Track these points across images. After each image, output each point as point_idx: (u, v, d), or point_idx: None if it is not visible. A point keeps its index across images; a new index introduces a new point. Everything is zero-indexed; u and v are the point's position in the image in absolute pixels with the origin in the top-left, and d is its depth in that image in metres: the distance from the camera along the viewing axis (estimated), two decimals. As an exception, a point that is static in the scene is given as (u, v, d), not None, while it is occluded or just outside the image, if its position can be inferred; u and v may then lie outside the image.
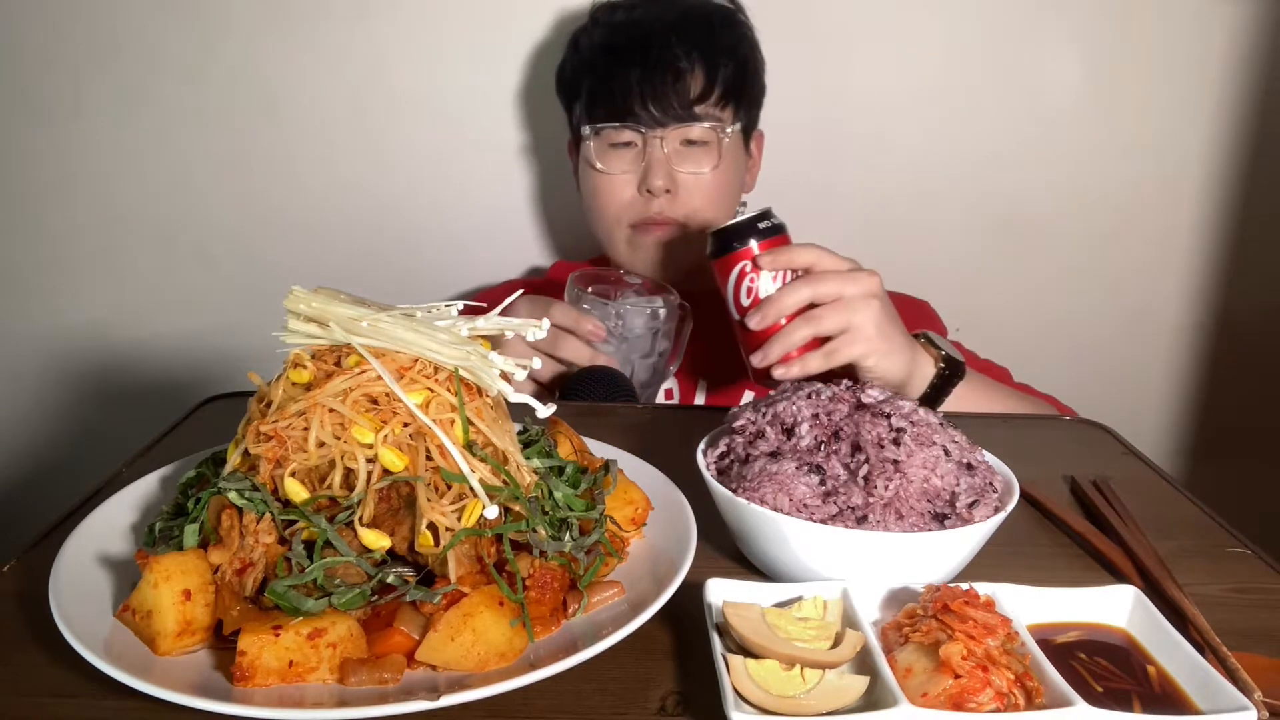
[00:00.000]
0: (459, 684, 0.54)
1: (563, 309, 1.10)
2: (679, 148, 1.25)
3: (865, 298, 0.99)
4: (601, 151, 1.27)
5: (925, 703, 0.54)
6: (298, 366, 0.66)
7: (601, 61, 1.27)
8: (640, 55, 1.23)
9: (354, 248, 1.60)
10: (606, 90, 1.25)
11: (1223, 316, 1.62)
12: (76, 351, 1.65)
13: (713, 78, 1.24)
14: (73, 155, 1.56)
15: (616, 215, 1.28)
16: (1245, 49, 1.49)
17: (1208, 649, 0.62)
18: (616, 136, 1.25)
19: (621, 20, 1.29)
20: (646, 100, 1.22)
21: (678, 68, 1.22)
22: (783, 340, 0.99)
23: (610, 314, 1.12)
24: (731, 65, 1.26)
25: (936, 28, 1.50)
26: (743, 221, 1.01)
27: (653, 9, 1.29)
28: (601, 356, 1.10)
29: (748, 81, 1.30)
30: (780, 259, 1.00)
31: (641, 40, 1.24)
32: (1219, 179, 1.56)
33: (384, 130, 1.54)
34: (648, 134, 1.23)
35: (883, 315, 0.99)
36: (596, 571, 0.66)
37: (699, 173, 1.25)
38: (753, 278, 1.00)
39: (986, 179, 1.56)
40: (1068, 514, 0.83)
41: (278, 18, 1.49)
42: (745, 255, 1.00)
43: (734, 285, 1.01)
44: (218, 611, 0.58)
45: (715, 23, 1.29)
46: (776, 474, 0.69)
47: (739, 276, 1.01)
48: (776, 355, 0.99)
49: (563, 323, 1.09)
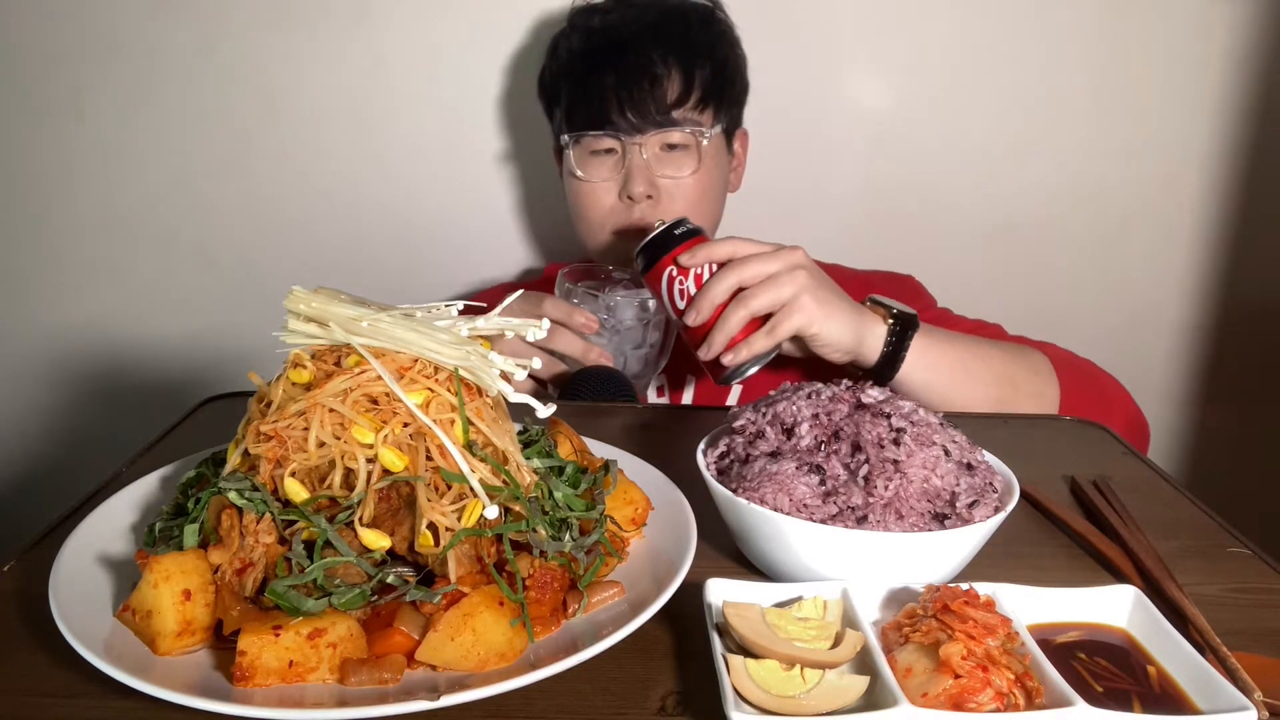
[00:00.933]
0: (459, 684, 0.54)
1: (555, 303, 1.11)
2: (659, 152, 1.24)
3: (791, 270, 1.00)
4: (582, 159, 1.27)
5: (925, 703, 0.54)
6: (298, 366, 0.66)
7: (579, 68, 1.26)
8: (616, 61, 1.22)
9: (354, 248, 1.60)
10: (584, 97, 1.24)
11: (1223, 316, 1.62)
12: (76, 351, 1.65)
13: (690, 81, 1.23)
14: (73, 155, 1.56)
15: (599, 222, 1.29)
16: (1245, 49, 1.49)
17: (1208, 649, 0.62)
18: (596, 144, 1.25)
19: (598, 25, 1.28)
20: (624, 107, 1.21)
21: (654, 73, 1.22)
22: (722, 328, 1.00)
23: (601, 307, 1.13)
24: (709, 67, 1.25)
25: (936, 27, 1.50)
26: (659, 233, 1.05)
27: (629, 12, 1.28)
28: (594, 349, 1.10)
29: (727, 82, 1.29)
30: (699, 255, 1.02)
31: (617, 46, 1.23)
32: (1219, 179, 1.56)
33: (383, 130, 1.55)
34: (626, 141, 1.23)
35: (814, 282, 1.00)
36: (596, 571, 0.66)
37: (679, 177, 1.25)
38: (680, 280, 1.03)
39: (985, 179, 1.56)
40: (1068, 514, 0.83)
41: (277, 18, 1.49)
42: (668, 261, 1.04)
43: (667, 292, 1.05)
44: (218, 611, 0.58)
45: (692, 23, 1.28)
46: (776, 474, 0.69)
47: (669, 282, 1.04)
48: (720, 344, 1.01)
49: (555, 316, 1.09)
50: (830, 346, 1.02)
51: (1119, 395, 1.18)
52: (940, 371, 1.05)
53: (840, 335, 1.01)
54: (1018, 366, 1.11)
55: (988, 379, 1.08)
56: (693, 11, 1.30)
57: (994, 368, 1.09)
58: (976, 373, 1.08)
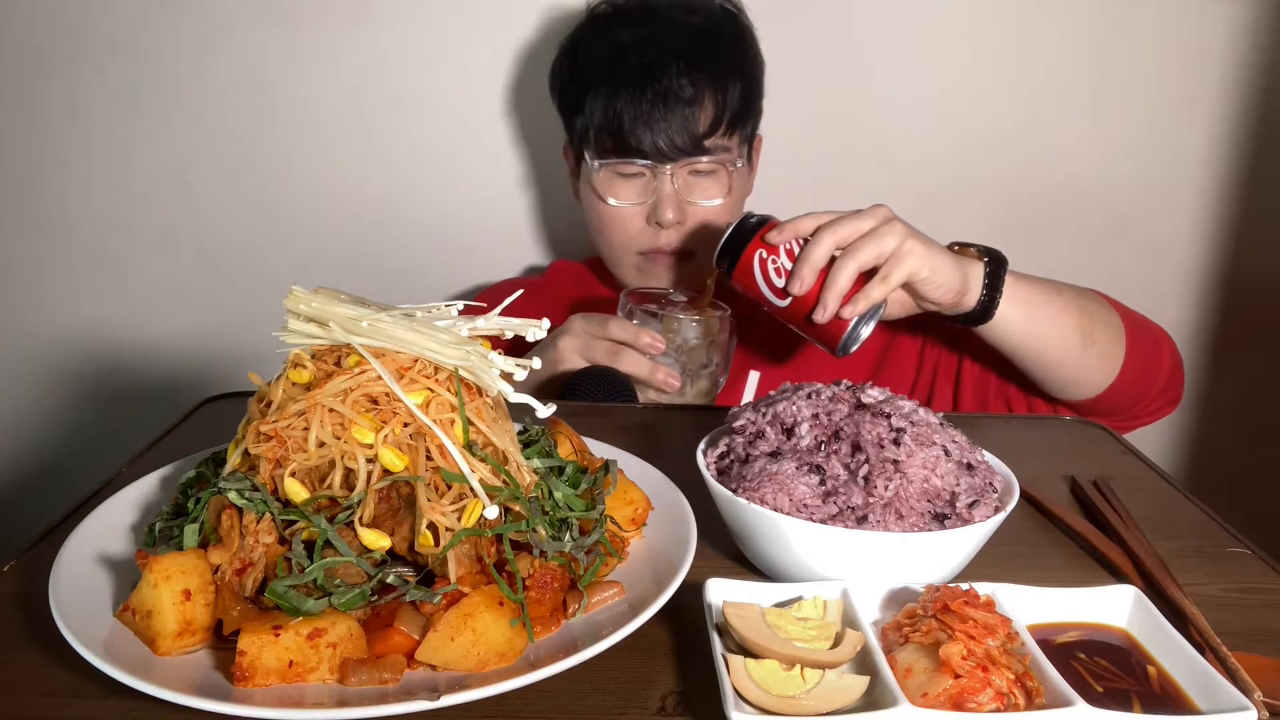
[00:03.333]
0: (459, 684, 0.54)
1: (621, 324, 1.10)
2: (688, 178, 1.24)
3: (887, 223, 0.99)
4: (609, 181, 1.25)
5: (925, 703, 0.54)
6: (298, 366, 0.66)
7: (605, 87, 1.22)
8: (648, 85, 1.19)
9: (354, 248, 1.60)
10: (614, 121, 1.21)
11: (1222, 316, 1.62)
12: (76, 351, 1.65)
13: (721, 108, 1.22)
14: (72, 155, 1.56)
15: (625, 244, 1.28)
16: (1245, 49, 1.49)
17: (1208, 649, 0.62)
18: (625, 168, 1.24)
19: (627, 41, 1.23)
20: (655, 136, 1.19)
21: (687, 101, 1.20)
22: (832, 286, 0.99)
23: (664, 327, 1.12)
24: (739, 89, 1.23)
25: (937, 29, 1.50)
26: (733, 230, 1.05)
27: (658, 25, 1.24)
28: (662, 369, 1.10)
29: (754, 96, 1.28)
30: (786, 230, 1.02)
31: (648, 69, 1.20)
32: (1219, 179, 1.56)
33: (383, 130, 1.55)
34: (656, 168, 1.22)
35: (911, 230, 1.00)
36: (596, 571, 0.66)
37: (710, 204, 1.25)
38: (773, 260, 1.02)
39: (985, 179, 1.56)
40: (1068, 514, 0.83)
41: (277, 18, 1.49)
42: (755, 247, 1.03)
43: (761, 277, 1.03)
44: (218, 611, 0.58)
45: (723, 40, 1.26)
46: (776, 474, 0.69)
47: (760, 266, 1.03)
48: (834, 301, 0.99)
49: (622, 337, 1.09)
50: (942, 288, 1.01)
51: (1162, 331, 1.19)
52: (1033, 306, 1.05)
53: (950, 276, 1.00)
54: (1087, 298, 1.11)
55: (1071, 310, 1.08)
56: (724, 26, 1.27)
57: (1071, 299, 1.09)
58: (1060, 305, 1.07)
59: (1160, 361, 1.14)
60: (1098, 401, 1.13)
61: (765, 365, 1.30)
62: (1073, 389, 1.13)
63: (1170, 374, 1.15)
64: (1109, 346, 1.10)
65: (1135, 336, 1.12)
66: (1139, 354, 1.12)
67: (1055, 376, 1.11)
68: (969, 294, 1.03)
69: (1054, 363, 1.09)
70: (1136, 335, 1.12)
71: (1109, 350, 1.10)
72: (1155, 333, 1.17)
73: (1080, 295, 1.11)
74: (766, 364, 1.31)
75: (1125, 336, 1.11)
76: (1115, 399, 1.13)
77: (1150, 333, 1.16)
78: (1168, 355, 1.16)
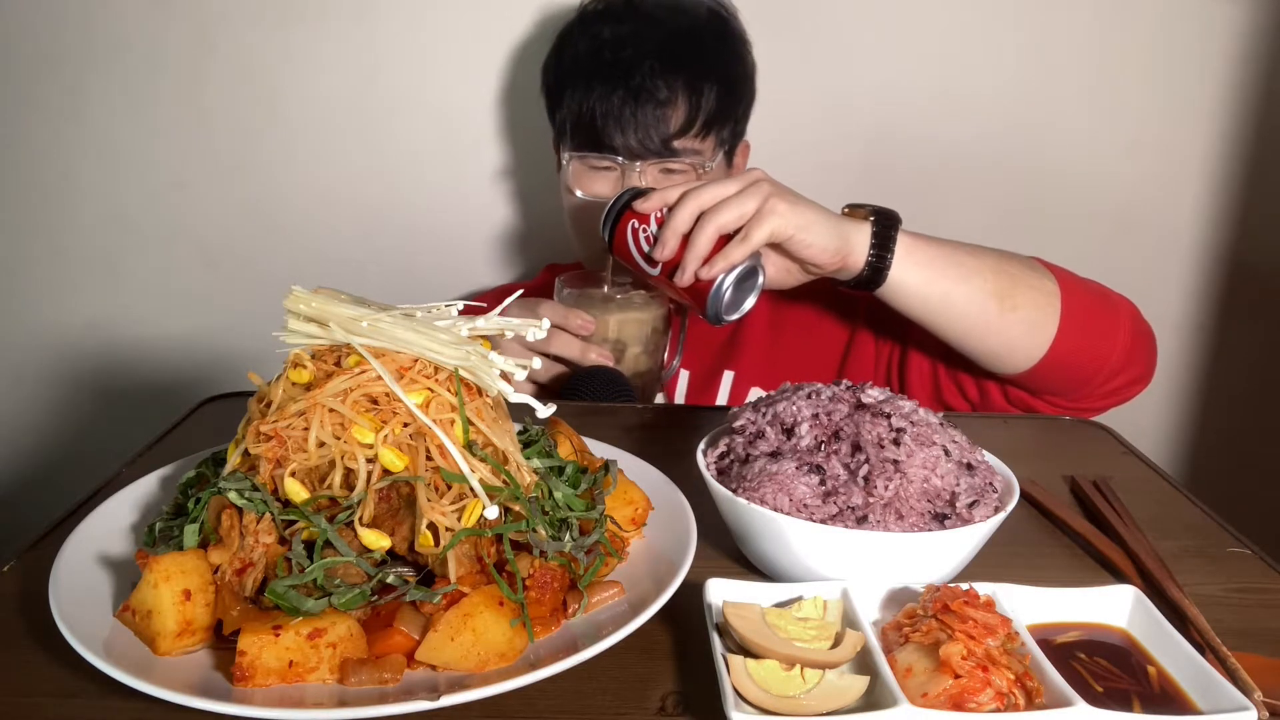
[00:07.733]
0: (459, 684, 0.54)
1: (552, 306, 1.12)
2: (658, 175, 1.23)
3: (752, 184, 0.97)
4: (580, 174, 1.25)
5: (925, 703, 0.54)
6: (298, 366, 0.66)
7: (582, 82, 1.22)
8: (622, 82, 1.19)
9: (354, 248, 1.60)
10: (585, 116, 1.21)
11: (1223, 316, 1.62)
12: (76, 351, 1.65)
13: (694, 110, 1.20)
14: (73, 155, 1.56)
15: (594, 236, 1.28)
16: (1245, 49, 1.49)
17: (1208, 649, 0.62)
18: (596, 161, 1.23)
19: (607, 37, 1.23)
20: (625, 133, 1.19)
21: (659, 100, 1.18)
22: (692, 250, 0.97)
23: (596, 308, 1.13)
24: (715, 91, 1.21)
25: (936, 26, 1.50)
26: (611, 202, 1.05)
27: (639, 25, 1.23)
28: (593, 349, 1.11)
29: (733, 102, 1.26)
30: (654, 199, 1.01)
31: (624, 65, 1.20)
32: (1219, 179, 1.56)
33: (383, 131, 1.55)
34: (625, 165, 1.21)
35: (779, 189, 0.97)
36: (596, 571, 0.66)
37: None
38: (644, 229, 1.02)
39: (984, 179, 1.56)
40: (1068, 514, 0.83)
41: (278, 18, 1.49)
42: (629, 218, 1.03)
43: (634, 247, 1.03)
44: (218, 611, 0.58)
45: (705, 41, 1.25)
46: (776, 474, 0.69)
47: (633, 236, 1.03)
48: (693, 264, 0.97)
49: (552, 319, 1.08)
50: (815, 248, 0.96)
51: (1122, 299, 1.11)
52: (934, 268, 1.00)
53: (823, 234, 0.96)
54: (1010, 261, 1.05)
55: (984, 272, 1.01)
56: (706, 29, 1.26)
57: (987, 261, 1.03)
58: (971, 266, 1.02)
59: (1115, 333, 1.05)
60: (1038, 376, 1.06)
61: (740, 365, 1.30)
62: (998, 361, 1.06)
63: (1128, 348, 1.06)
64: (1034, 313, 1.02)
65: (1079, 303, 1.04)
66: (1082, 323, 1.04)
67: (976, 347, 1.05)
68: (852, 255, 0.98)
69: (969, 330, 1.03)
70: (1080, 302, 1.05)
71: (1035, 316, 1.02)
72: (1113, 301, 1.09)
73: (1002, 258, 1.04)
74: (741, 364, 1.30)
75: (1061, 302, 1.03)
76: (1058, 373, 1.06)
77: (1105, 301, 1.08)
78: (1125, 326, 1.07)
